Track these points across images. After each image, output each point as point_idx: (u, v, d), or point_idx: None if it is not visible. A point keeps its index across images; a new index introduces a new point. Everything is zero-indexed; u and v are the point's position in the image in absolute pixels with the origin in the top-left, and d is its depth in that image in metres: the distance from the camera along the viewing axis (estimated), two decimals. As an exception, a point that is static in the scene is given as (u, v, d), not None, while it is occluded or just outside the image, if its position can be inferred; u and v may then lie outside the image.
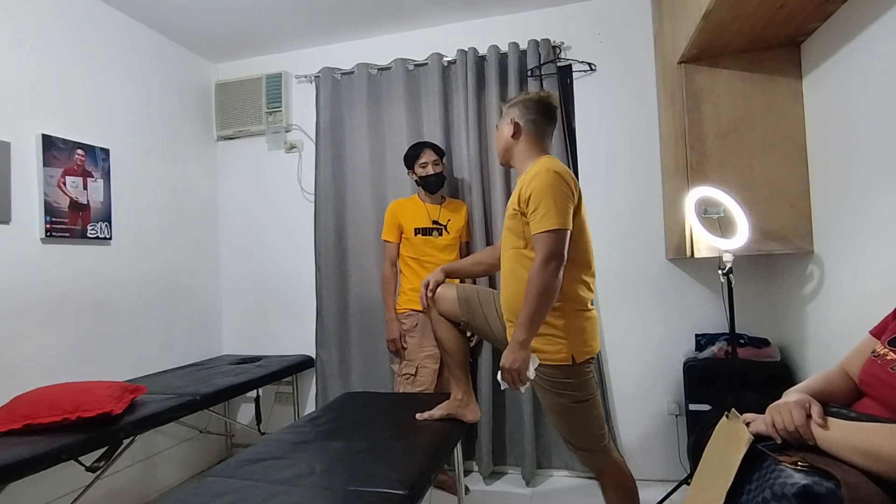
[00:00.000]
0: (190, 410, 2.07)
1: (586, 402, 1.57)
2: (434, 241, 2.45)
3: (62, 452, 1.59)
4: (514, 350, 1.48)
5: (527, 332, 1.47)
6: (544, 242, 1.47)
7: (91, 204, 2.32)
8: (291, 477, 1.38)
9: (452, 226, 2.49)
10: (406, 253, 2.48)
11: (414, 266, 2.46)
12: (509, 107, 1.71)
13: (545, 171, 1.52)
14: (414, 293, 2.44)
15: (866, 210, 1.62)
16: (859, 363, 1.10)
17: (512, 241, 1.62)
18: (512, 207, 1.60)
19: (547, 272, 1.46)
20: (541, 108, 1.66)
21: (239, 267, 3.14)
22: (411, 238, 2.45)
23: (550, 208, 1.47)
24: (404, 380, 2.39)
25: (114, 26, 2.51)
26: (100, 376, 2.24)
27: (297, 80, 3.04)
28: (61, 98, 2.24)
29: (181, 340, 2.83)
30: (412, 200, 2.54)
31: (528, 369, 1.48)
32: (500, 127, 1.72)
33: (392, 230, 2.49)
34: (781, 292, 2.30)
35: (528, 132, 1.66)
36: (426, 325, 2.41)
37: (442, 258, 2.44)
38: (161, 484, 2.59)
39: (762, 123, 2.01)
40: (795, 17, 1.74)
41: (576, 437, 1.62)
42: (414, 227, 2.45)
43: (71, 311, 2.22)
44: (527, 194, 1.52)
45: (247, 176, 3.14)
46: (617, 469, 1.64)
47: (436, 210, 2.49)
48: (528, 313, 1.46)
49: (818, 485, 0.84)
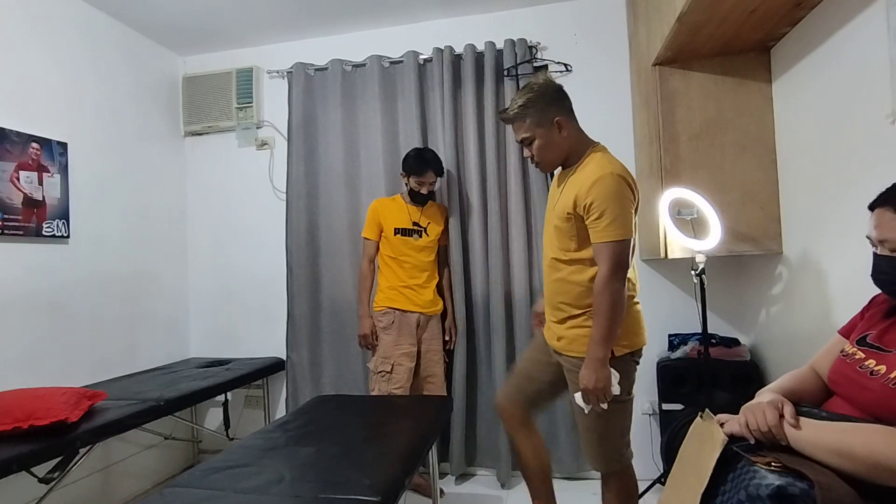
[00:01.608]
0: (153, 417, 1.99)
1: (624, 405, 1.53)
2: (413, 242, 2.44)
3: (13, 463, 1.51)
4: (594, 369, 1.42)
5: (605, 349, 1.42)
6: (610, 253, 1.42)
7: (47, 200, 2.21)
8: (260, 485, 1.33)
9: (432, 229, 2.49)
10: (385, 251, 2.46)
11: (392, 265, 2.45)
12: (532, 111, 1.52)
13: (609, 175, 1.43)
14: (392, 291, 2.42)
15: (833, 213, 1.65)
16: (828, 363, 1.12)
17: (561, 241, 1.55)
18: (566, 211, 1.50)
19: (615, 285, 1.41)
20: (556, 91, 1.56)
21: (207, 267, 3.04)
22: (391, 237, 2.43)
23: (616, 217, 1.41)
24: (380, 377, 2.36)
25: (74, 15, 2.39)
26: (55, 382, 2.13)
27: (269, 75, 2.96)
28: (15, 88, 2.12)
29: (145, 343, 2.72)
30: (395, 200, 2.52)
31: (612, 385, 1.43)
32: (535, 135, 1.54)
33: (373, 228, 2.47)
34: (751, 293, 2.34)
35: (568, 121, 1.55)
36: (402, 323, 2.40)
37: (419, 259, 2.44)
38: (122, 494, 2.48)
39: (734, 126, 2.04)
40: (766, 22, 1.77)
41: (602, 441, 1.55)
42: (394, 226, 2.43)
43: (24, 313, 2.10)
44: (588, 200, 1.43)
45: (216, 173, 3.04)
46: (628, 475, 1.62)
47: (417, 212, 2.48)
48: (603, 328, 1.41)
49: (792, 485, 0.85)
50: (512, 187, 2.59)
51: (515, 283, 2.58)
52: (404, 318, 2.41)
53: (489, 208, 2.60)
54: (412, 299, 2.42)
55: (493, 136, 2.62)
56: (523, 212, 2.58)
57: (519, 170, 2.59)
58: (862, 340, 1.05)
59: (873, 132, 1.42)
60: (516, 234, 2.57)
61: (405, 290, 2.42)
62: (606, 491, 1.63)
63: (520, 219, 2.57)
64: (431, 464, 2.02)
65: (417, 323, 2.43)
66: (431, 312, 2.47)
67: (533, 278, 2.57)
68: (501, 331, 2.54)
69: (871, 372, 0.97)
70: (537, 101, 1.53)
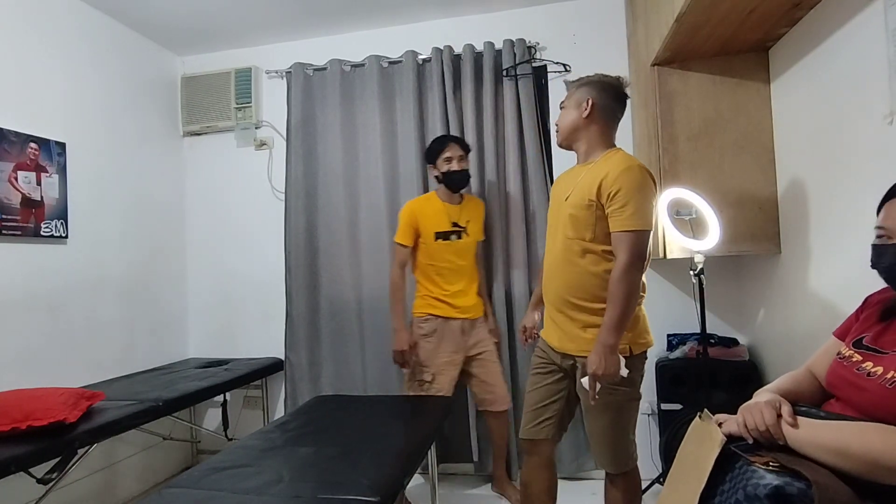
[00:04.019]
0: (151, 417, 1.98)
1: (635, 402, 1.57)
2: (454, 245, 2.27)
3: (11, 464, 1.51)
4: (604, 355, 1.42)
5: (616, 336, 1.43)
6: (630, 242, 1.43)
7: (45, 200, 2.20)
8: (259, 485, 1.33)
9: (472, 227, 2.34)
10: (422, 259, 2.29)
11: (429, 272, 2.29)
12: (581, 85, 1.62)
13: (637, 167, 1.47)
14: (432, 298, 2.29)
15: (831, 213, 1.66)
16: (825, 365, 1.12)
17: (576, 231, 1.54)
18: (587, 198, 1.51)
19: (633, 274, 1.43)
20: (617, 95, 1.61)
21: (206, 267, 3.03)
22: (430, 243, 2.25)
23: (640, 208, 1.43)
24: (417, 385, 2.25)
25: (73, 15, 2.39)
26: (54, 382, 2.12)
27: (268, 75, 2.96)
28: (14, 88, 2.11)
29: (143, 344, 2.71)
30: (430, 200, 2.33)
31: (620, 370, 1.45)
32: (568, 105, 1.62)
33: (408, 233, 2.26)
34: (750, 293, 2.35)
35: (602, 117, 1.59)
36: (445, 331, 2.27)
37: (459, 263, 2.29)
38: (121, 495, 2.48)
39: (732, 127, 2.04)
40: (765, 22, 1.77)
41: (615, 440, 1.57)
42: (434, 231, 2.25)
43: (22, 314, 2.10)
44: (614, 188, 1.45)
45: (214, 173, 3.04)
46: (635, 473, 1.65)
47: (456, 211, 2.31)
48: (617, 316, 1.42)
49: (789, 485, 0.85)
50: (511, 187, 2.59)
51: (515, 283, 2.58)
52: (447, 325, 2.27)
53: (489, 208, 2.60)
54: (454, 305, 2.28)
55: (493, 136, 2.62)
56: (523, 212, 2.58)
57: (518, 170, 2.59)
58: (858, 343, 1.05)
59: (871, 132, 1.43)
60: (516, 234, 2.57)
61: (447, 298, 2.28)
62: (613, 490, 1.64)
63: (519, 219, 2.57)
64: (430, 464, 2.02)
65: (461, 329, 2.29)
66: (475, 316, 2.34)
67: (532, 279, 2.57)
68: (504, 333, 2.55)
69: (868, 374, 0.97)
70: (594, 83, 1.60)
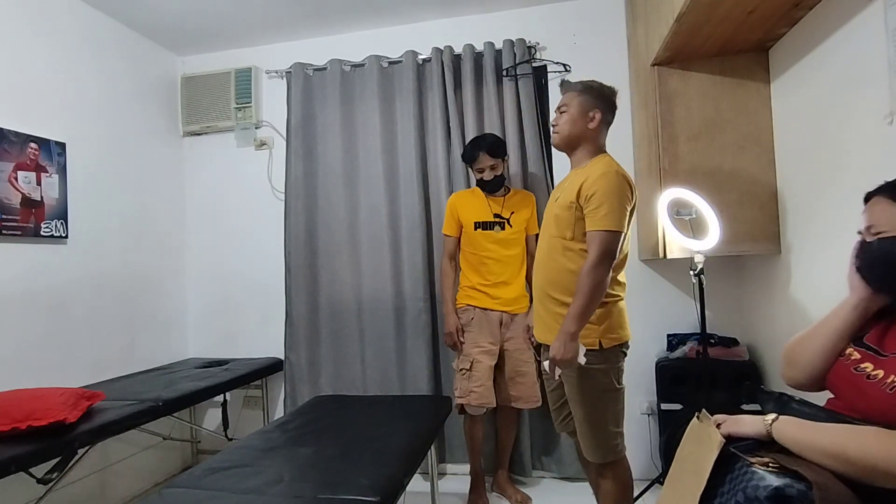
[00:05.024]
0: (151, 417, 1.98)
1: (612, 394, 1.62)
2: (494, 236, 2.32)
3: (11, 464, 1.50)
4: (564, 341, 1.53)
5: (577, 325, 1.53)
6: (601, 241, 1.54)
7: (45, 200, 2.20)
8: (259, 485, 1.33)
9: (516, 220, 2.35)
10: (465, 248, 2.38)
11: (472, 261, 2.36)
12: (583, 91, 1.68)
13: (614, 172, 1.58)
14: (471, 289, 2.35)
15: (831, 213, 1.65)
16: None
17: (559, 230, 1.66)
18: (569, 200, 1.63)
19: (600, 270, 1.53)
20: (614, 107, 1.73)
21: (205, 267, 3.03)
22: (470, 232, 2.34)
23: (613, 210, 1.54)
24: (460, 375, 2.29)
25: (73, 15, 2.39)
26: (54, 382, 2.12)
27: (268, 75, 2.95)
28: (14, 88, 2.11)
29: (143, 344, 2.71)
30: (473, 192, 2.42)
31: (577, 357, 1.53)
32: (572, 111, 1.68)
33: (451, 224, 2.39)
34: (750, 293, 2.35)
35: (603, 128, 1.71)
36: (483, 321, 2.31)
37: (502, 253, 2.32)
38: (121, 495, 2.48)
39: (732, 127, 2.04)
40: (765, 22, 1.77)
41: (594, 430, 1.63)
42: (474, 220, 2.34)
43: (22, 314, 2.10)
44: (591, 191, 1.56)
45: (214, 173, 3.03)
46: (623, 465, 1.69)
47: (498, 203, 2.35)
48: (581, 307, 1.52)
49: (790, 487, 0.85)
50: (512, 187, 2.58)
51: (514, 283, 2.57)
52: (485, 316, 2.31)
53: (488, 208, 2.60)
54: (494, 297, 2.31)
55: (492, 136, 2.61)
56: (522, 212, 2.57)
57: (519, 170, 2.59)
58: (858, 340, 1.05)
59: (871, 132, 1.43)
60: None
61: (486, 289, 2.32)
62: (603, 481, 1.69)
63: (519, 219, 2.57)
64: (430, 464, 2.02)
65: (500, 321, 2.32)
66: (516, 311, 2.33)
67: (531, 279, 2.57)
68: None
69: (868, 376, 0.97)
70: (596, 91, 1.69)
